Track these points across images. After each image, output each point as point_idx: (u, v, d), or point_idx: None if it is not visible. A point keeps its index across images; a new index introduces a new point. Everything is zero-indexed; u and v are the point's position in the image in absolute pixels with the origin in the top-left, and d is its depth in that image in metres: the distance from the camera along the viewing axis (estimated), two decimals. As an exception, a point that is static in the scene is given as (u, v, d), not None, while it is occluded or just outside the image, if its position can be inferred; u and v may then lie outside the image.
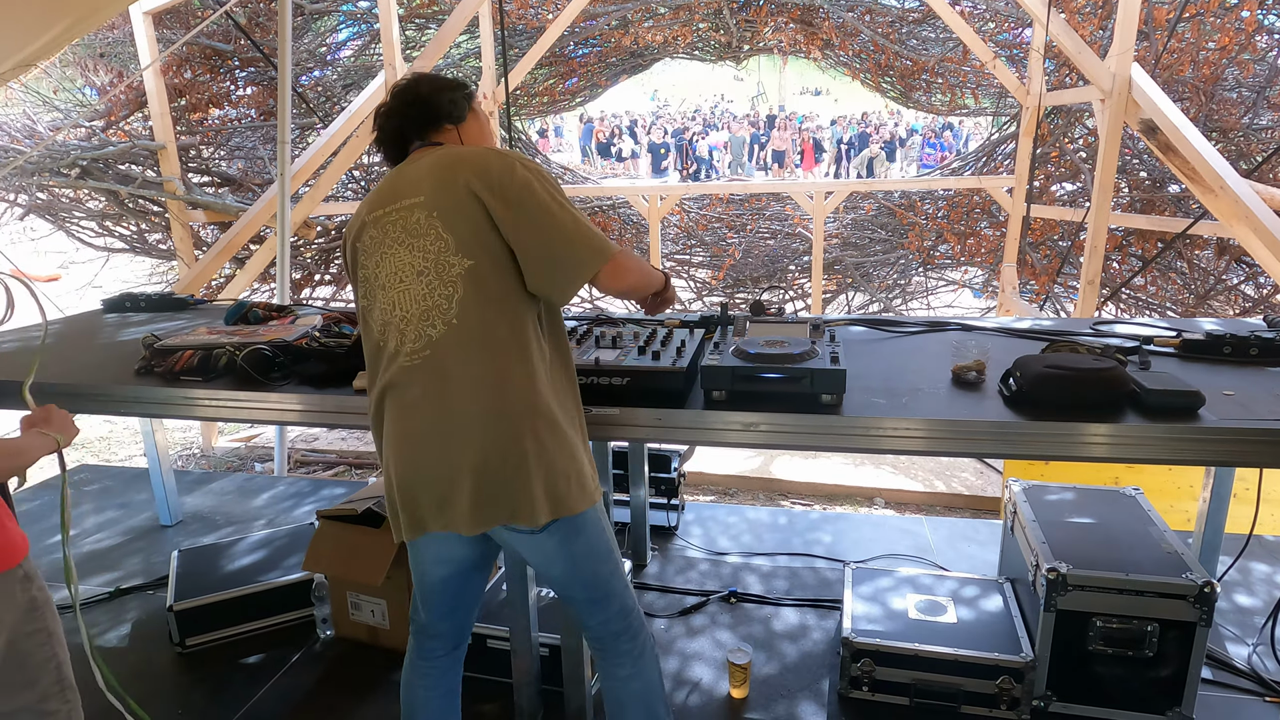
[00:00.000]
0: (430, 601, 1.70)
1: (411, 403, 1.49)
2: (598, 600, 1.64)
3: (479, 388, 1.45)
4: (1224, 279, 5.85)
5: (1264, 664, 2.32)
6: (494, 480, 1.46)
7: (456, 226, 1.46)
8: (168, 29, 5.82)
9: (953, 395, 1.84)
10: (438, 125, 1.63)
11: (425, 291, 1.47)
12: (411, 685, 1.74)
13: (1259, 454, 1.61)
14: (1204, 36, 5.50)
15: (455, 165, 1.50)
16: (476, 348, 1.45)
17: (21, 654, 1.41)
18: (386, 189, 1.56)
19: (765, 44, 7.78)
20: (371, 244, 1.54)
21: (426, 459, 1.49)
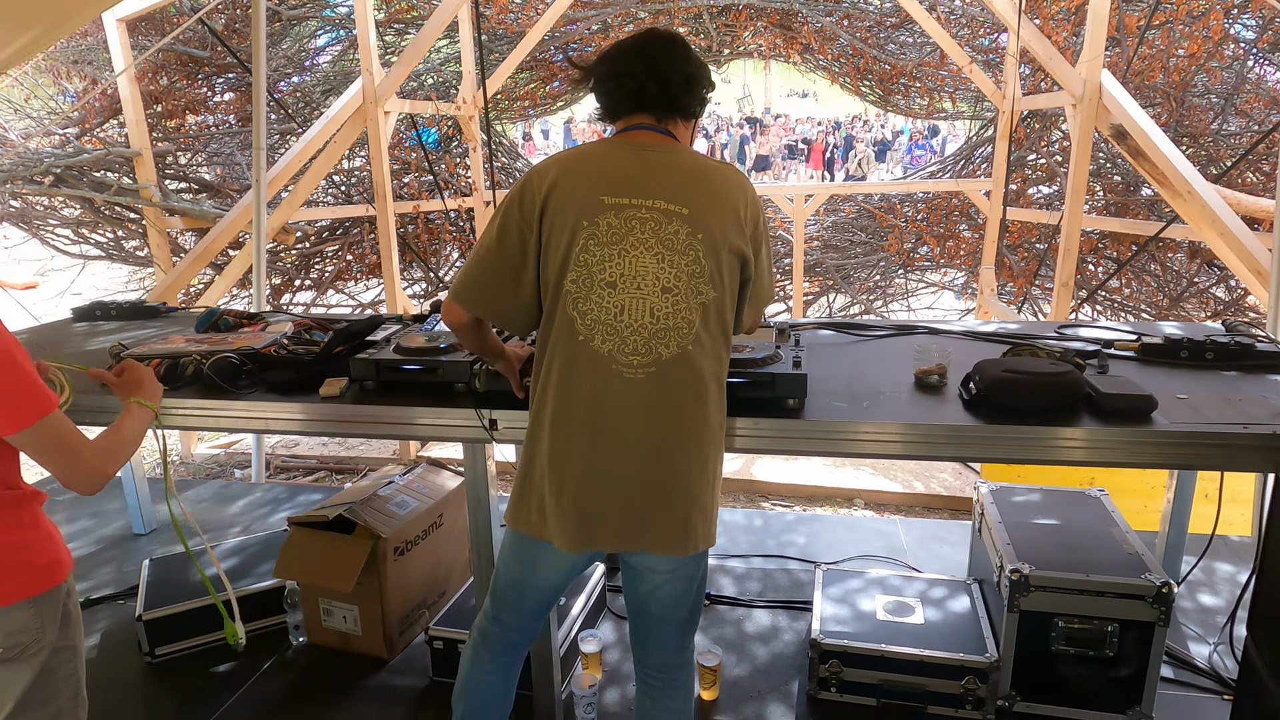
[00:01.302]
0: (533, 603, 1.65)
1: (625, 418, 1.42)
2: (687, 626, 1.63)
3: (695, 416, 1.45)
4: (1196, 282, 5.93)
5: (1224, 663, 2.35)
6: (695, 507, 1.46)
7: (718, 256, 1.42)
8: (142, 35, 5.79)
9: (914, 399, 1.87)
10: (682, 116, 1.52)
11: (668, 310, 1.41)
12: (487, 682, 1.70)
13: (1208, 457, 1.64)
14: (1174, 43, 5.58)
15: (719, 187, 1.44)
16: (699, 377, 1.44)
17: (49, 670, 1.42)
18: (624, 174, 1.42)
19: (745, 48, 7.82)
20: (609, 235, 1.40)
21: (634, 479, 1.43)
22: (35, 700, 1.40)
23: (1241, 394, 1.83)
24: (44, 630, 1.39)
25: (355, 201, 6.74)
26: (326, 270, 6.95)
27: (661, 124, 1.50)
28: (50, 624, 1.41)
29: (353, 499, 2.56)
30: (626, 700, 2.30)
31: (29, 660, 1.39)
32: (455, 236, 7.06)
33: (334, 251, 6.89)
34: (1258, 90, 5.69)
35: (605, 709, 2.27)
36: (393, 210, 5.35)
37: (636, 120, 1.49)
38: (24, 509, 1.41)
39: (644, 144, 1.47)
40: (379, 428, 1.96)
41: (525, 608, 1.65)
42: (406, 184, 6.91)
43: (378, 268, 6.62)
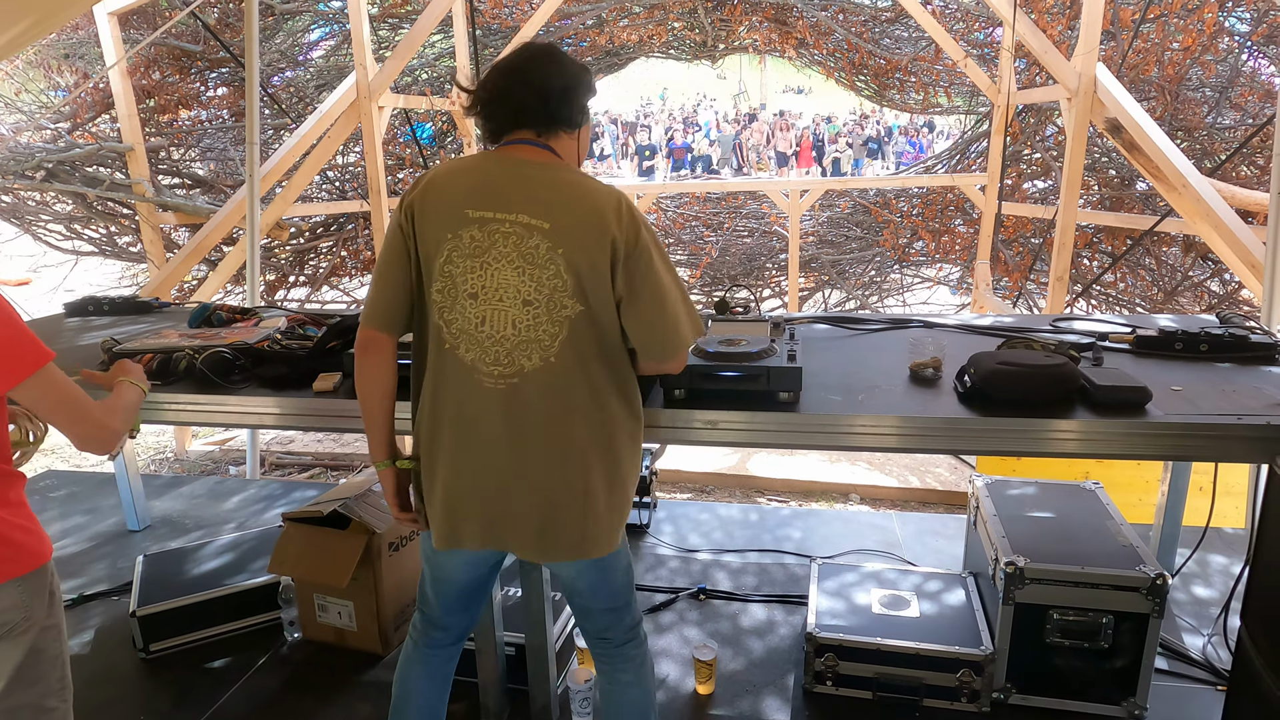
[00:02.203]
0: (447, 600, 1.70)
1: (486, 426, 1.45)
2: (616, 610, 1.67)
3: (564, 427, 1.45)
4: (1190, 275, 5.94)
5: (1218, 654, 2.36)
6: (568, 517, 1.49)
7: (580, 270, 1.40)
8: (134, 29, 5.76)
9: (909, 392, 1.87)
10: (558, 128, 1.49)
11: (530, 322, 1.42)
12: (409, 673, 1.74)
13: (1202, 448, 1.65)
14: (1168, 37, 5.59)
15: (586, 205, 1.42)
16: (566, 390, 1.44)
17: (37, 649, 1.44)
18: (492, 187, 1.43)
19: (740, 43, 7.81)
20: (472, 247, 1.41)
21: (489, 482, 1.48)
22: (24, 679, 1.42)
23: (1236, 385, 1.83)
24: (32, 609, 1.41)
25: (349, 197, 6.73)
26: (320, 266, 6.94)
27: (541, 138, 1.49)
28: (38, 603, 1.42)
29: (347, 495, 2.55)
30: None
31: (17, 639, 1.40)
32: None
33: (328, 247, 6.88)
34: (1252, 84, 5.70)
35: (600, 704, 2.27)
36: (387, 206, 5.34)
37: (517, 136, 1.49)
38: (12, 488, 1.43)
39: (519, 158, 1.46)
40: (373, 422, 1.96)
41: (438, 601, 1.71)
42: (401, 179, 6.89)
43: (372, 264, 6.60)
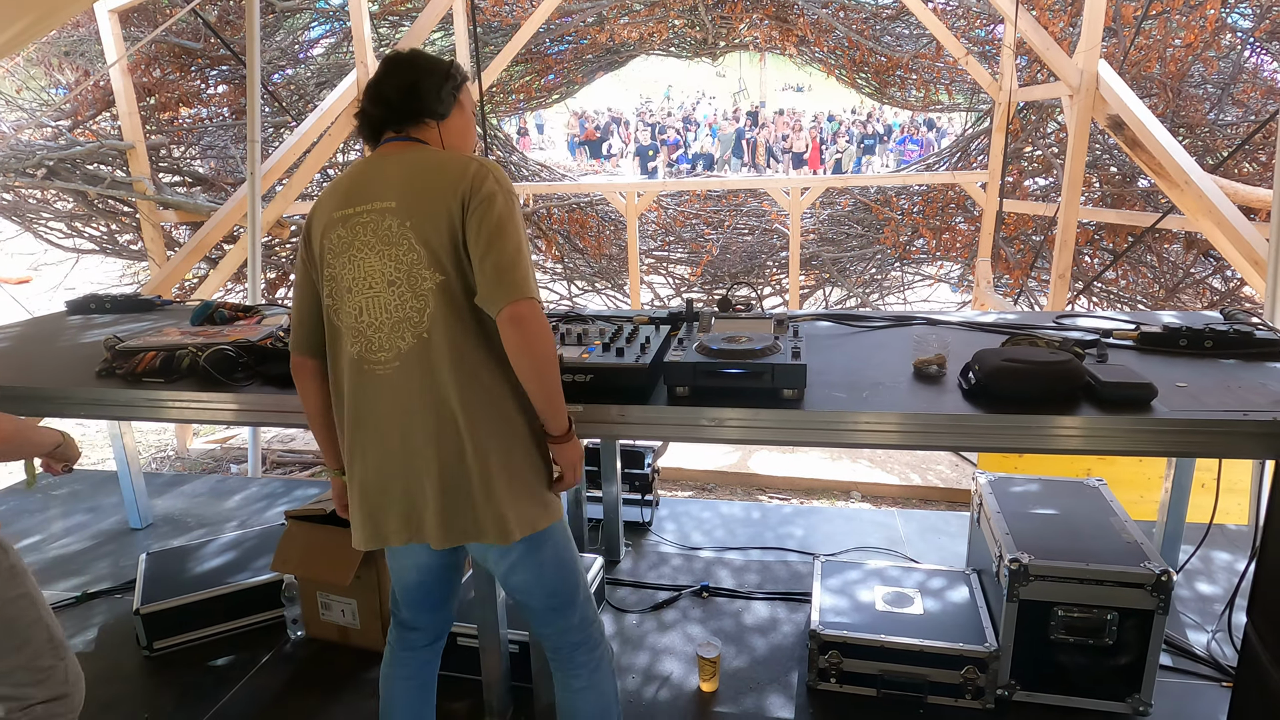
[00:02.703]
0: (409, 599, 1.73)
1: (378, 414, 1.48)
2: (557, 609, 1.65)
3: (446, 404, 1.45)
4: (1192, 272, 5.94)
5: (1222, 650, 2.36)
6: (461, 498, 1.48)
7: (430, 240, 1.42)
8: (135, 26, 5.75)
9: (913, 389, 1.86)
10: (419, 120, 1.54)
11: (397, 302, 1.45)
12: (390, 677, 1.76)
13: (1208, 444, 1.64)
14: (1170, 34, 5.58)
15: (432, 174, 1.46)
16: (446, 363, 1.44)
17: (9, 618, 1.52)
18: (356, 185, 1.50)
19: (741, 40, 7.80)
20: (340, 244, 1.49)
21: (392, 473, 1.50)
22: (8, 648, 1.52)
23: (1241, 381, 1.82)
24: None
25: (350, 195, 6.71)
26: (322, 264, 6.93)
27: (403, 132, 1.55)
28: None
29: (350, 492, 2.55)
30: (625, 693, 2.30)
31: None
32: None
33: (329, 245, 6.86)
34: (1254, 80, 5.69)
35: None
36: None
37: (384, 139, 1.56)
38: None
39: (383, 153, 1.53)
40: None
41: (403, 601, 1.73)
42: (401, 177, 6.88)
43: (373, 261, 6.59)
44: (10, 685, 1.53)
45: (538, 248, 7.84)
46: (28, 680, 1.55)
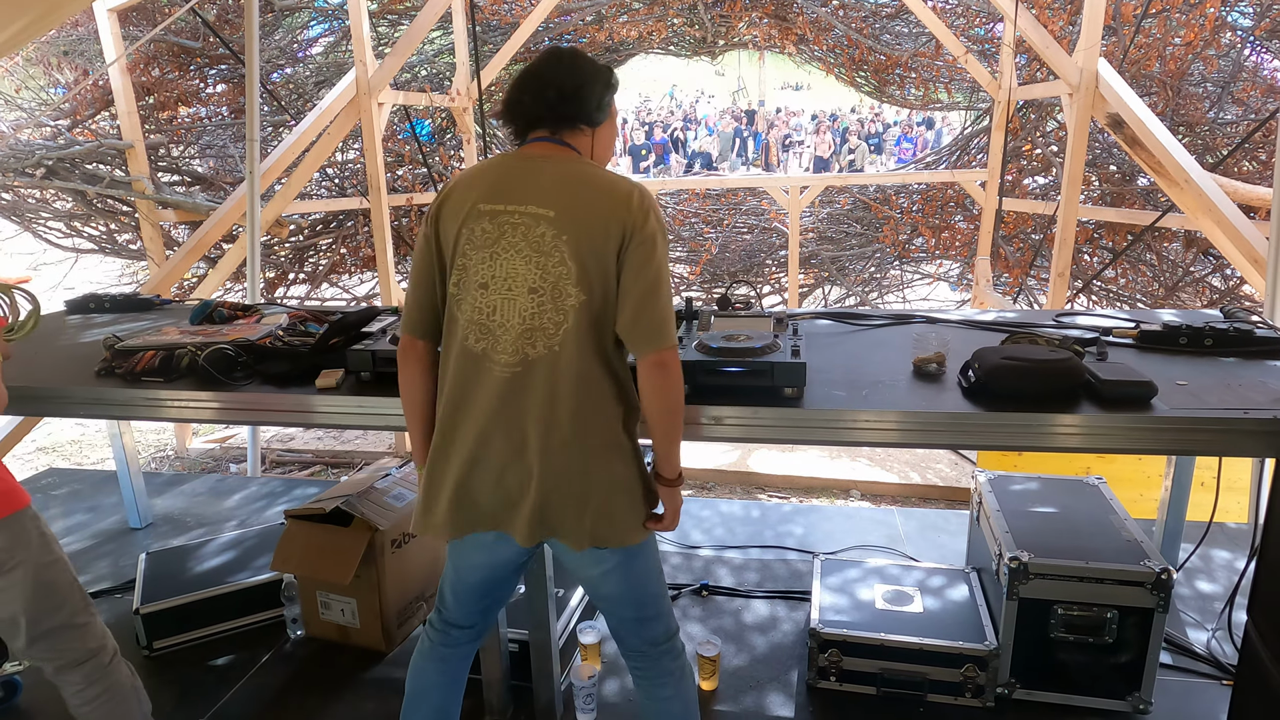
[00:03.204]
0: (465, 598, 1.70)
1: (489, 411, 1.48)
2: (647, 619, 1.65)
3: (561, 415, 1.45)
4: (1192, 271, 5.94)
5: (1222, 649, 2.36)
6: (562, 501, 1.48)
7: (584, 259, 1.42)
8: (134, 26, 5.74)
9: (913, 387, 1.86)
10: (575, 125, 1.53)
11: (535, 310, 1.44)
12: (424, 670, 1.73)
13: (1208, 443, 1.64)
14: (1170, 32, 5.58)
15: (595, 195, 1.45)
16: (569, 379, 1.45)
17: (48, 582, 1.64)
18: (506, 182, 1.48)
19: (740, 39, 7.79)
20: (484, 238, 1.46)
21: (493, 468, 1.49)
22: (48, 608, 1.65)
23: (1241, 380, 1.82)
24: (15, 551, 1.59)
25: (349, 194, 6.72)
26: (320, 263, 6.93)
27: (557, 135, 1.53)
28: (22, 545, 1.61)
29: (349, 491, 2.55)
30: (626, 691, 2.30)
31: (10, 574, 1.59)
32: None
33: (328, 244, 6.86)
34: (1254, 78, 5.69)
35: (604, 700, 2.27)
36: (387, 203, 5.33)
37: (533, 136, 1.54)
38: None
39: (534, 154, 1.51)
40: (375, 419, 1.95)
41: (457, 600, 1.71)
42: (400, 176, 6.88)
43: (372, 261, 6.60)
44: (55, 642, 1.67)
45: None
46: (71, 637, 1.69)
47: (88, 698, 1.72)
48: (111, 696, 1.75)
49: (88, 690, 1.72)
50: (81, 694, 1.72)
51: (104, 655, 1.76)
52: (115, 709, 1.76)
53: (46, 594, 1.64)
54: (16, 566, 1.60)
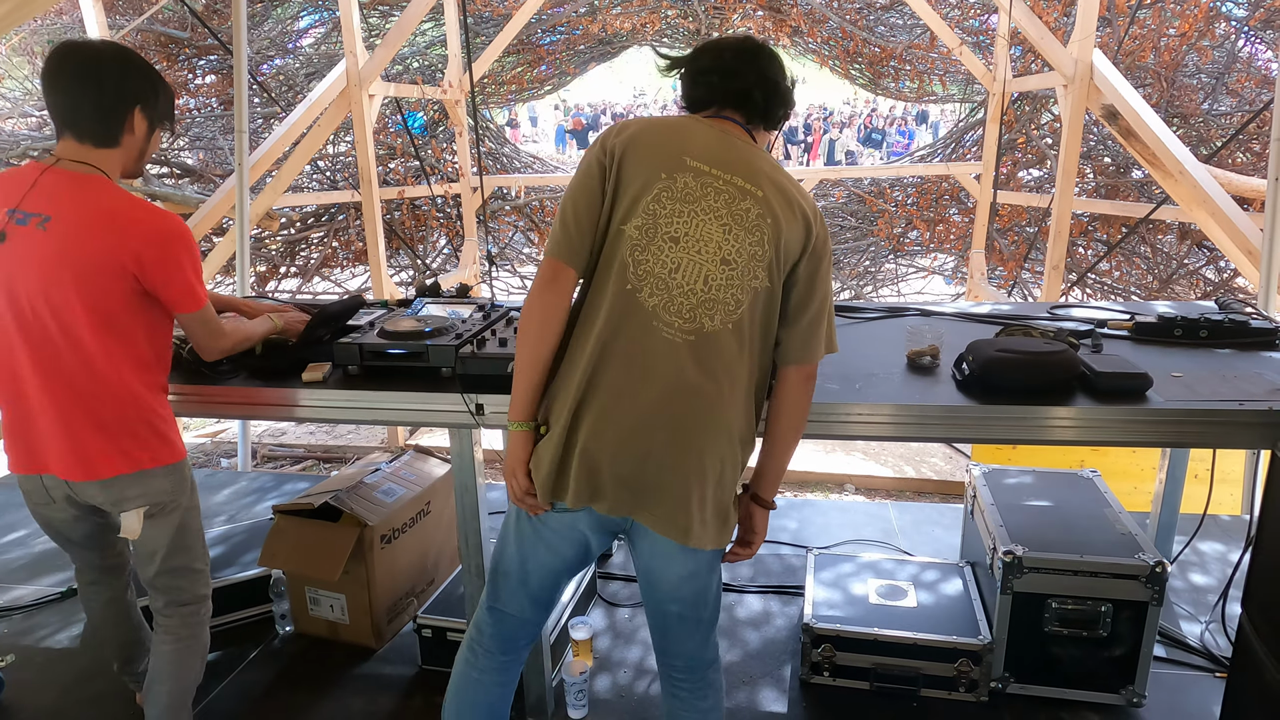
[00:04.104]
0: (537, 588, 1.57)
1: (654, 378, 1.38)
2: (710, 623, 1.58)
3: (723, 399, 1.40)
4: (1186, 263, 5.94)
5: (1216, 641, 2.35)
6: (707, 497, 1.42)
7: (780, 247, 1.41)
8: (119, 14, 5.68)
9: (907, 380, 1.84)
10: (759, 124, 1.53)
11: (723, 281, 1.39)
12: (482, 683, 1.61)
13: (1204, 435, 1.63)
14: (1165, 23, 5.56)
15: (793, 193, 1.45)
16: (735, 361, 1.41)
17: (186, 525, 1.80)
18: (711, 146, 1.43)
19: (734, 31, 7.75)
20: (683, 194, 1.40)
21: (649, 443, 1.38)
22: (181, 547, 1.80)
23: (1236, 371, 1.81)
24: (177, 494, 1.75)
25: (340, 187, 6.67)
26: (312, 257, 6.88)
27: (744, 120, 1.51)
28: (181, 489, 1.76)
29: (339, 487, 2.53)
30: (617, 688, 2.28)
31: (169, 516, 1.75)
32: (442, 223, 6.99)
33: (319, 238, 6.82)
34: (1248, 69, 5.68)
35: (596, 696, 2.25)
36: (378, 196, 5.28)
37: (726, 114, 1.50)
38: (163, 395, 1.75)
39: (726, 129, 1.48)
40: (363, 413, 1.93)
41: (534, 587, 1.56)
42: (392, 169, 6.84)
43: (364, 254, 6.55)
44: (176, 579, 1.81)
45: (531, 240, 7.80)
46: (189, 579, 1.83)
47: (177, 637, 1.84)
48: (190, 646, 1.87)
49: (180, 630, 1.84)
50: (173, 632, 1.84)
51: (204, 607, 1.89)
52: (187, 659, 1.87)
53: (184, 535, 1.79)
54: (175, 509, 1.76)
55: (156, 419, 1.70)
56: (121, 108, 1.59)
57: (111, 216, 1.55)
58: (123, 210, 1.57)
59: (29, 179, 1.57)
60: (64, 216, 1.54)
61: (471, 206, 6.49)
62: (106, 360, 1.61)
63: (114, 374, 1.62)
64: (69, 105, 1.57)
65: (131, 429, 1.66)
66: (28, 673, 2.42)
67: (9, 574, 3.01)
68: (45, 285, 1.55)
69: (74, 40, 1.66)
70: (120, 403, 1.64)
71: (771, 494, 1.55)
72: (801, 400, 1.50)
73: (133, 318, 1.62)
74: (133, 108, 1.60)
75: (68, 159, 1.58)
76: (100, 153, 1.60)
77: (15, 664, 2.36)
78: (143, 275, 1.57)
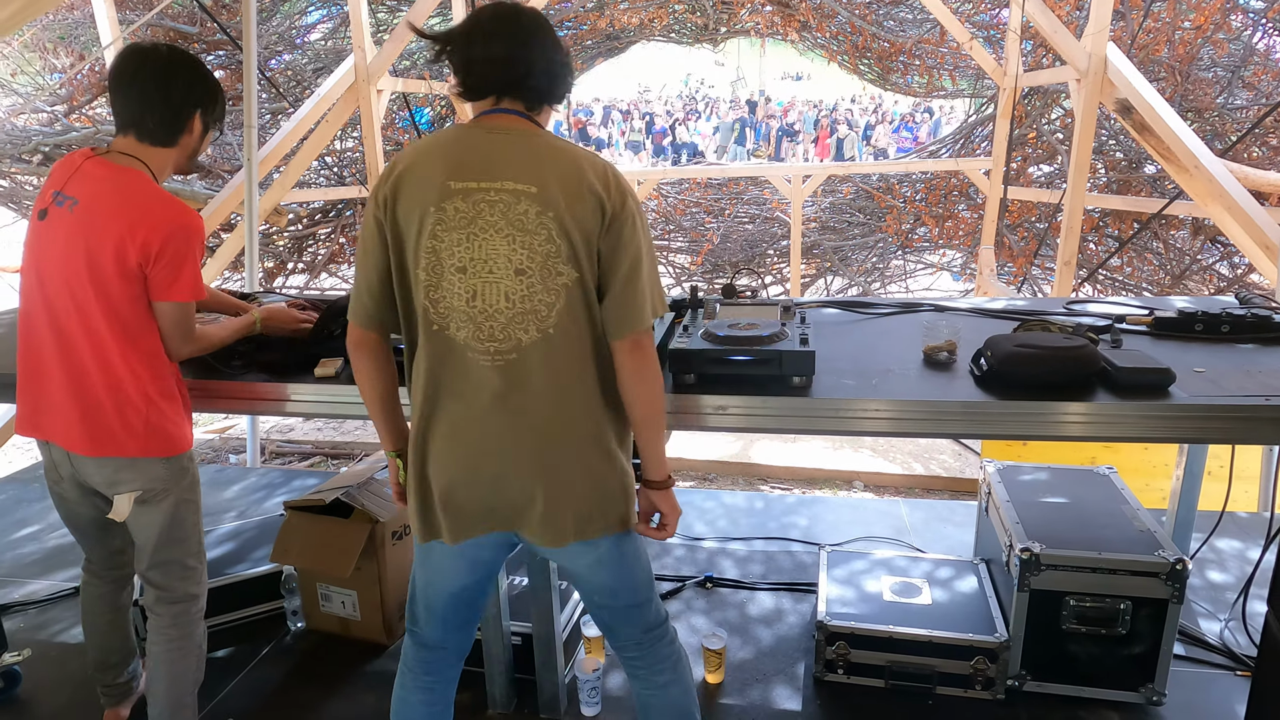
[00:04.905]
0: (444, 613, 1.59)
1: (483, 406, 1.39)
2: (640, 605, 1.59)
3: (565, 402, 1.40)
4: (1199, 258, 5.89)
5: (1235, 639, 2.33)
6: (575, 496, 1.42)
7: (572, 236, 1.35)
8: (130, 10, 5.68)
9: (923, 376, 1.82)
10: (537, 101, 1.44)
11: (525, 293, 1.35)
12: (408, 703, 1.63)
13: (1228, 430, 1.60)
14: (1179, 16, 5.51)
15: (574, 169, 1.37)
16: (567, 361, 1.39)
17: (180, 517, 1.81)
18: (473, 157, 1.37)
19: (742, 26, 7.72)
20: (457, 219, 1.35)
21: (499, 466, 1.41)
22: (173, 539, 1.82)
23: (1260, 366, 1.78)
24: (170, 484, 1.77)
25: (348, 183, 6.66)
26: (319, 252, 6.88)
27: (526, 108, 1.43)
28: (175, 481, 1.77)
29: (349, 483, 2.52)
30: (630, 685, 2.27)
31: (160, 504, 1.76)
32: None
33: (327, 233, 6.82)
34: (1265, 63, 5.63)
35: (609, 693, 2.24)
36: (387, 191, 5.26)
37: (504, 105, 1.42)
38: (175, 391, 1.77)
39: (500, 126, 1.40)
40: (376, 408, 1.91)
41: (431, 616, 1.60)
42: (400, 165, 6.82)
43: (372, 250, 6.54)
44: (164, 573, 1.83)
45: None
46: (180, 574, 1.84)
47: (168, 637, 1.85)
48: (182, 646, 1.87)
49: (170, 630, 1.85)
50: (164, 631, 1.85)
51: (194, 605, 1.89)
52: (179, 659, 1.87)
53: (178, 527, 1.81)
54: (167, 497, 1.77)
55: (153, 410, 1.71)
56: (186, 111, 1.69)
57: (131, 204, 1.61)
58: (142, 200, 1.62)
59: (75, 164, 1.67)
60: (88, 201, 1.62)
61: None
62: (113, 344, 1.65)
63: (119, 359, 1.66)
64: (138, 107, 1.65)
65: (126, 416, 1.68)
66: (43, 667, 2.42)
67: (23, 568, 3.02)
68: (64, 264, 1.63)
69: (143, 45, 1.72)
70: (121, 388, 1.67)
71: (655, 474, 1.49)
72: (636, 373, 1.41)
73: (139, 307, 1.66)
74: (195, 111, 1.70)
75: (119, 151, 1.66)
76: (156, 151, 1.68)
77: (31, 658, 2.36)
78: (145, 261, 1.61)
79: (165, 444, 1.73)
